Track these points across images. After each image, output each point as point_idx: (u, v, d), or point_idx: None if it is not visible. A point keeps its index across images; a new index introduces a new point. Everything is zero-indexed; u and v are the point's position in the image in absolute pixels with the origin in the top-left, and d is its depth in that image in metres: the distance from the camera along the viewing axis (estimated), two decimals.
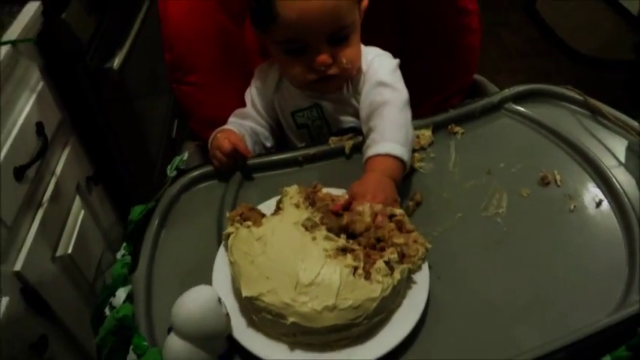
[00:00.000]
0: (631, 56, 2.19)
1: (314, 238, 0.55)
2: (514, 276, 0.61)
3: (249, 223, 0.57)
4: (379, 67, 0.78)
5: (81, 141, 1.13)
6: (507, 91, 0.82)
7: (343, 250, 0.54)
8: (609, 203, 0.67)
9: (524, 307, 0.58)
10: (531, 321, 0.57)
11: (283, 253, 0.54)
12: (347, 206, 0.61)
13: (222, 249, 0.61)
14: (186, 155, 0.74)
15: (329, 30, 0.71)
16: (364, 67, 0.79)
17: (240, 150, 0.72)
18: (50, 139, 0.99)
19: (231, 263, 0.56)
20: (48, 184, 1.00)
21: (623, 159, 0.73)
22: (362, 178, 0.66)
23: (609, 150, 0.74)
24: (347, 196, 0.62)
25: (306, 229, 0.56)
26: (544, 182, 0.70)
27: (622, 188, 0.67)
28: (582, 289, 0.59)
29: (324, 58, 0.72)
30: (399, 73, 0.79)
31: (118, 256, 0.63)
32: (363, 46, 0.79)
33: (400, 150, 0.68)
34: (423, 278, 0.57)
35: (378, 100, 0.73)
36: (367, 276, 0.53)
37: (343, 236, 0.57)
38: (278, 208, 0.60)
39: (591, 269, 0.61)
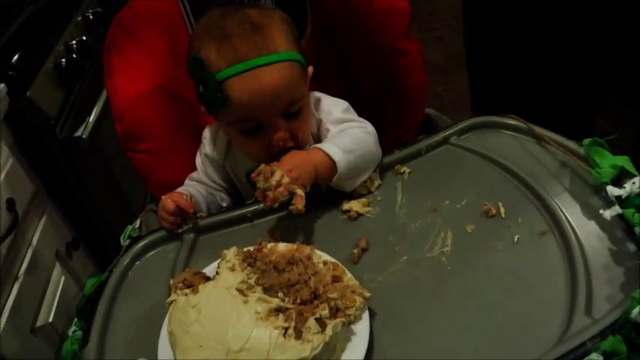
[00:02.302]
0: None
1: (246, 302, 0.56)
2: (459, 316, 0.61)
3: (186, 291, 0.59)
4: (331, 107, 0.81)
5: (58, 208, 1.16)
6: (452, 127, 0.84)
7: (277, 311, 0.55)
8: (552, 231, 0.67)
9: (472, 347, 0.58)
10: None
11: (215, 320, 0.55)
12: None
13: (167, 319, 0.62)
14: (138, 223, 0.76)
15: (282, 106, 0.72)
16: (313, 111, 0.81)
17: (182, 206, 0.73)
18: (24, 212, 1.02)
19: (169, 333, 0.57)
20: (24, 257, 1.03)
21: (567, 184, 0.73)
22: (295, 152, 0.72)
23: (554, 176, 0.74)
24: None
25: (241, 292, 0.57)
26: (488, 215, 0.71)
27: (565, 215, 0.68)
28: (528, 323, 0.59)
29: (282, 135, 0.73)
30: (353, 111, 0.82)
31: (69, 332, 0.64)
32: None
33: (338, 154, 0.71)
34: (362, 329, 0.58)
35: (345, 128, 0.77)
36: (298, 335, 0.53)
37: (281, 294, 0.58)
38: (216, 273, 0.61)
39: (535, 302, 0.60)
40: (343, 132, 0.76)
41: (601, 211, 0.68)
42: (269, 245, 0.67)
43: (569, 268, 0.62)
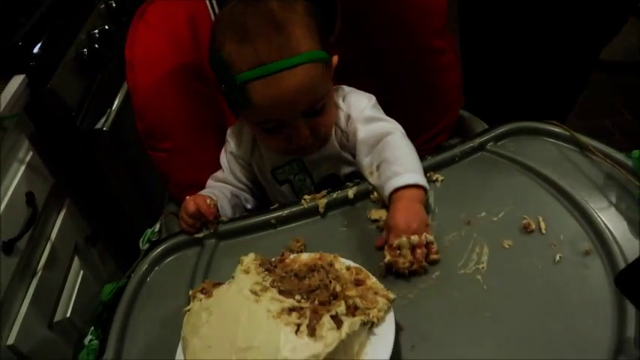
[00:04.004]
0: None
1: (257, 301, 0.53)
2: (495, 341, 0.57)
3: (201, 296, 0.57)
4: (359, 103, 0.78)
5: (77, 202, 1.15)
6: (488, 132, 0.79)
7: (291, 310, 0.52)
8: (597, 251, 0.62)
9: None
10: None
11: (225, 320, 0.52)
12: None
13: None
14: (157, 227, 0.74)
15: (304, 107, 0.71)
16: (341, 105, 0.79)
17: (203, 212, 0.71)
18: (43, 206, 1.01)
19: (182, 339, 0.55)
20: (43, 251, 1.02)
21: (613, 199, 0.68)
22: (392, 209, 0.66)
23: (599, 190, 0.69)
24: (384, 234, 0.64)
25: (254, 293, 0.54)
26: (527, 230, 0.66)
27: (611, 233, 0.63)
28: (570, 352, 0.55)
29: (303, 134, 0.72)
30: (380, 108, 0.79)
31: (86, 341, 0.62)
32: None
33: (422, 180, 0.68)
34: (387, 331, 0.54)
35: (377, 133, 0.74)
36: (312, 333, 0.50)
37: (298, 297, 0.55)
38: (232, 278, 0.59)
39: (579, 329, 0.56)
40: (395, 153, 0.71)
41: None
42: (292, 256, 0.64)
43: (617, 293, 0.58)
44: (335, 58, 0.75)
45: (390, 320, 0.55)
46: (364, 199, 0.74)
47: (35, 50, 1.03)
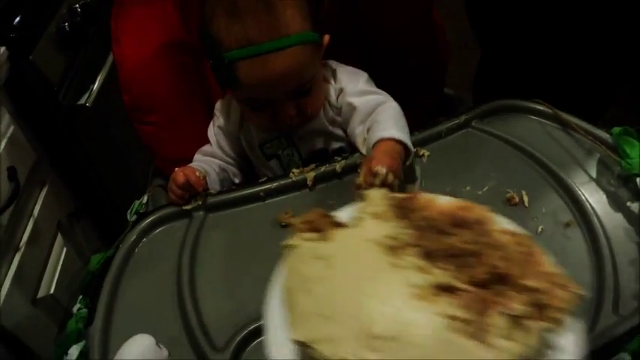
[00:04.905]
0: None
1: (395, 266, 0.39)
2: None
3: (312, 235, 0.43)
4: (353, 77, 0.78)
5: (60, 178, 1.13)
6: (474, 109, 0.80)
7: (442, 290, 0.37)
8: (578, 223, 0.64)
9: None
10: None
11: (352, 285, 0.38)
12: None
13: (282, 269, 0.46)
14: (145, 198, 0.73)
15: (291, 88, 0.70)
16: (332, 79, 0.78)
17: (192, 183, 0.70)
18: (25, 182, 0.99)
19: (285, 288, 0.42)
20: (25, 227, 1.00)
21: (594, 174, 0.70)
22: (375, 150, 0.63)
23: (580, 165, 0.72)
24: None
25: (390, 250, 0.40)
26: (511, 204, 0.68)
27: (591, 206, 0.65)
28: None
29: (289, 113, 0.72)
30: (373, 83, 0.79)
31: (74, 309, 0.62)
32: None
33: (405, 138, 0.65)
34: (570, 344, 0.39)
35: (373, 103, 0.73)
36: (478, 335, 0.35)
37: (441, 265, 0.39)
38: (355, 219, 0.45)
39: None
40: (385, 116, 0.69)
41: (629, 204, 0.66)
42: (424, 196, 0.49)
43: (596, 262, 0.60)
44: (326, 38, 0.75)
45: (575, 328, 0.40)
46: (352, 172, 0.75)
47: (16, 22, 1.00)
